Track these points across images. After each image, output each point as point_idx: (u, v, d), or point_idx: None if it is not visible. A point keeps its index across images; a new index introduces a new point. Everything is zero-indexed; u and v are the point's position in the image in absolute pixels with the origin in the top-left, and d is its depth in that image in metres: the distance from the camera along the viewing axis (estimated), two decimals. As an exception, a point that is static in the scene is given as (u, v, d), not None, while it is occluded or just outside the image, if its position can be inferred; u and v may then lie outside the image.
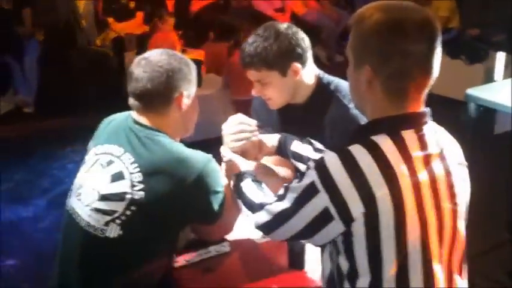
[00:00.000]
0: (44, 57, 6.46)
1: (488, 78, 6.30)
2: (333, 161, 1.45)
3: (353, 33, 1.52)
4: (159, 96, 1.99)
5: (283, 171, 2.36)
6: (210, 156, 1.98)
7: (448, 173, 1.54)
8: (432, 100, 1.58)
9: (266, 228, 1.66)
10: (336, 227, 1.46)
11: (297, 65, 2.22)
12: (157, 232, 1.94)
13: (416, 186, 1.46)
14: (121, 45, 7.09)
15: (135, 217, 1.91)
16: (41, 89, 6.21)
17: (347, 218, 1.43)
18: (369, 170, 1.43)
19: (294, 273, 2.08)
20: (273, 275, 2.08)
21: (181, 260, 2.09)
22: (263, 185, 1.86)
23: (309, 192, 1.47)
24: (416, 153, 1.48)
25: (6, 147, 5.23)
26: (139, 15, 7.81)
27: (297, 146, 2.10)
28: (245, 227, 2.21)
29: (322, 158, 1.48)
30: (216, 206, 1.97)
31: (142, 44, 6.60)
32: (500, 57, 6.43)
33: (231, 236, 2.19)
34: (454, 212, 1.55)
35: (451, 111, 1.83)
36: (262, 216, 1.66)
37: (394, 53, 1.45)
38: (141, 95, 1.99)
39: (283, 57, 2.19)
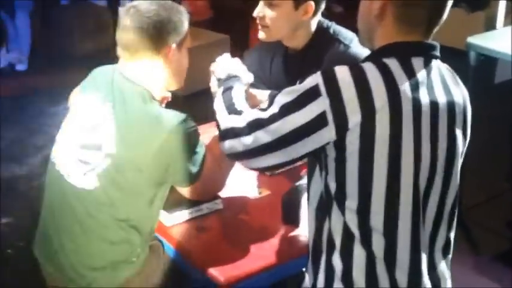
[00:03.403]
0: (38, 13, 6.34)
1: (489, 26, 6.20)
2: (342, 70, 1.44)
3: None
4: (145, 48, 1.92)
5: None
6: (185, 115, 1.90)
7: (451, 113, 1.51)
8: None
9: (232, 134, 1.58)
10: (326, 134, 1.42)
11: (312, 4, 2.20)
12: (133, 189, 1.89)
13: (417, 114, 1.44)
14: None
15: (110, 170, 1.87)
16: (34, 45, 6.11)
17: (342, 127, 1.40)
18: (375, 85, 1.41)
19: (288, 229, 2.04)
20: (267, 231, 2.04)
21: (172, 219, 2.04)
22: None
23: (310, 95, 1.44)
24: (423, 82, 1.46)
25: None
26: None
27: None
28: (237, 183, 2.18)
29: (331, 67, 1.46)
30: (191, 167, 1.92)
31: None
32: (502, 4, 6.33)
33: (223, 193, 2.15)
34: (450, 154, 1.51)
35: (452, 60, 1.76)
36: (236, 121, 1.59)
37: None
38: (127, 45, 1.93)
39: None
